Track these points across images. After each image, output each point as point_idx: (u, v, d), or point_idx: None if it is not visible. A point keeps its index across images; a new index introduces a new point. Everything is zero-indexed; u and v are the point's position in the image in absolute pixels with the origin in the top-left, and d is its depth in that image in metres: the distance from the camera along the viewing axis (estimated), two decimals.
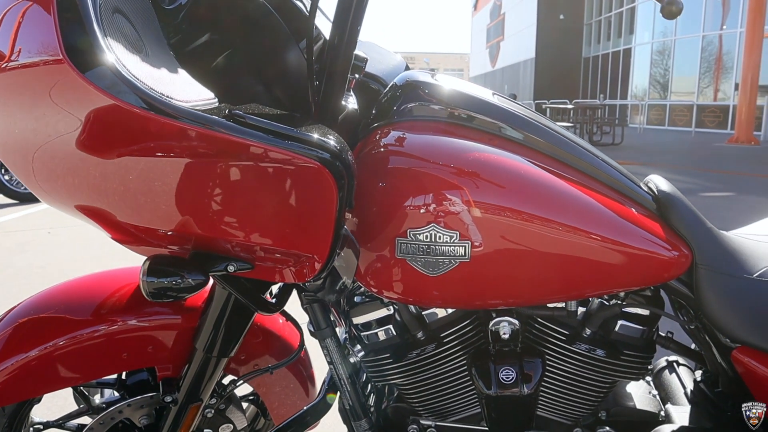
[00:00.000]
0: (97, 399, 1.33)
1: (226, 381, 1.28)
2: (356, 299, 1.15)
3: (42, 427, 1.29)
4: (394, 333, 1.12)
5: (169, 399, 1.16)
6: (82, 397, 1.28)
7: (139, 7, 0.80)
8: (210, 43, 1.03)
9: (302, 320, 1.28)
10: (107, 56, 0.71)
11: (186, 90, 0.78)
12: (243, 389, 1.36)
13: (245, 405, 1.43)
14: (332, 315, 1.19)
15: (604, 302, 1.08)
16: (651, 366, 1.29)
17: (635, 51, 23.67)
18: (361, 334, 1.14)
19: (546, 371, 1.09)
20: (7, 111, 0.80)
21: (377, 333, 1.13)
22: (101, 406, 1.28)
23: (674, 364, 1.30)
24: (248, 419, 1.40)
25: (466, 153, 0.94)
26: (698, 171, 9.18)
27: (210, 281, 0.95)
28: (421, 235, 0.92)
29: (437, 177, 0.92)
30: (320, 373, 1.44)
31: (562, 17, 29.61)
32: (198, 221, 0.83)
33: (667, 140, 15.84)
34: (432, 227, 0.92)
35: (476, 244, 0.92)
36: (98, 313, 1.14)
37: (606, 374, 1.08)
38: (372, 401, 1.24)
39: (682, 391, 1.22)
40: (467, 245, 0.92)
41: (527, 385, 1.05)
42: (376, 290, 0.99)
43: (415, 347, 1.10)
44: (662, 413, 1.18)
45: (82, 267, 4.10)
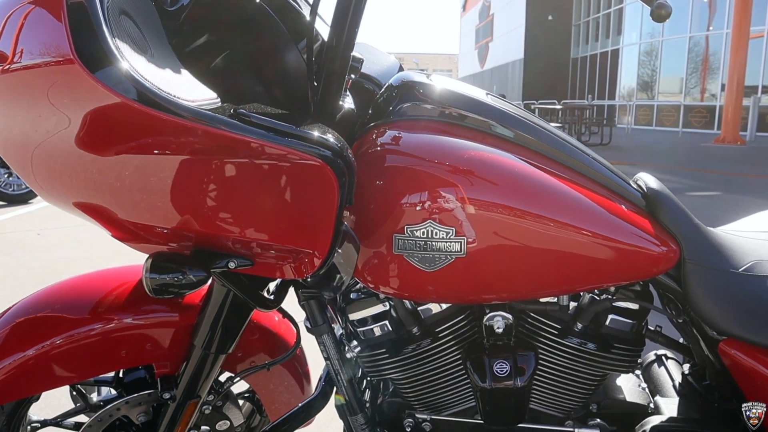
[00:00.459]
0: (94, 398, 1.34)
1: (223, 378, 1.29)
2: (352, 296, 1.17)
3: (39, 425, 1.30)
4: (390, 328, 1.14)
5: (167, 396, 1.17)
6: (80, 395, 1.29)
7: (143, 9, 0.82)
8: (208, 44, 1.05)
9: (298, 318, 1.30)
10: (116, 57, 0.73)
11: (190, 90, 0.79)
12: (239, 386, 1.37)
13: (241, 402, 1.45)
14: (328, 312, 1.20)
15: (595, 297, 1.11)
16: (640, 360, 1.32)
17: (623, 52, 23.84)
18: (358, 330, 1.16)
19: (539, 364, 1.11)
20: (14, 110, 0.81)
21: (373, 329, 1.15)
22: (98, 404, 1.29)
23: (663, 358, 1.33)
24: (244, 416, 1.42)
25: (461, 151, 0.96)
26: (685, 171, 9.27)
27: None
28: (418, 232, 0.94)
29: (433, 175, 0.94)
30: (315, 371, 1.46)
31: (551, 18, 29.76)
32: (202, 218, 0.85)
33: (655, 140, 15.96)
34: (429, 224, 0.94)
35: (471, 240, 0.95)
36: (96, 312, 1.15)
37: (597, 367, 1.10)
38: (368, 396, 1.25)
39: (671, 384, 1.25)
40: (463, 241, 0.94)
41: (521, 378, 1.07)
42: (373, 286, 1.01)
43: (411, 342, 1.12)
44: (651, 405, 1.20)
45: (73, 268, 4.10)
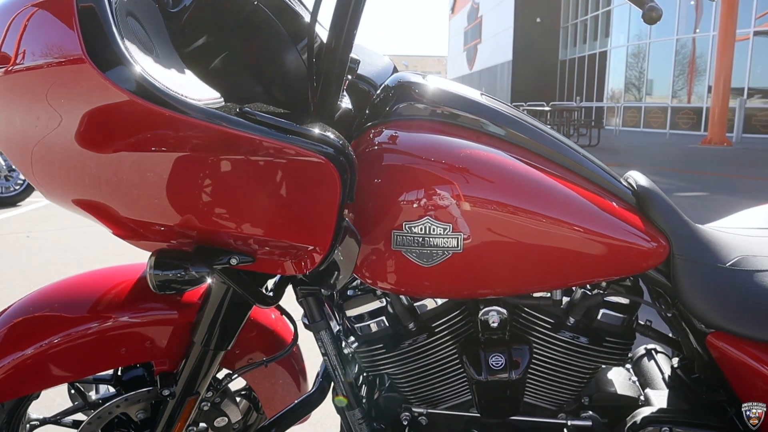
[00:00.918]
0: (93, 396, 1.35)
1: (221, 375, 1.31)
2: (349, 292, 1.19)
3: (39, 424, 1.31)
4: (387, 324, 1.16)
5: (167, 392, 1.18)
6: (79, 394, 1.30)
7: (147, 11, 0.84)
8: (208, 45, 1.07)
9: (295, 316, 1.32)
10: (126, 57, 0.75)
11: (194, 89, 0.81)
12: (236, 384, 1.39)
13: (238, 399, 1.46)
14: (326, 308, 1.22)
15: (587, 292, 1.13)
16: (630, 354, 1.35)
17: (611, 54, 23.99)
18: (355, 326, 1.18)
19: (532, 358, 1.14)
20: (21, 109, 0.83)
21: (370, 325, 1.17)
22: (97, 402, 1.31)
23: (652, 352, 1.36)
24: (241, 412, 1.43)
25: (457, 150, 0.99)
26: (673, 171, 9.35)
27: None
28: (416, 228, 0.96)
29: (430, 173, 0.97)
30: (311, 368, 1.48)
31: (539, 20, 29.89)
32: (206, 215, 0.86)
33: (643, 142, 16.07)
34: (427, 220, 0.96)
35: (467, 236, 0.97)
36: (95, 310, 1.16)
37: (589, 360, 1.13)
38: (364, 392, 1.28)
39: (660, 377, 1.28)
40: (460, 237, 0.97)
41: (515, 371, 1.10)
42: (371, 281, 1.03)
43: (407, 337, 1.14)
44: (641, 398, 1.23)
45: (63, 270, 4.08)
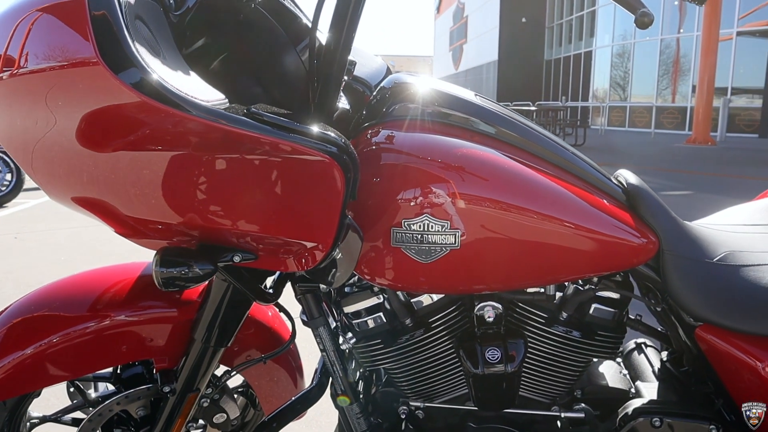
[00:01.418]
0: (92, 394, 1.36)
1: (220, 372, 1.33)
2: (346, 289, 1.21)
3: (38, 422, 1.33)
4: (384, 320, 1.18)
5: (167, 389, 1.20)
6: (79, 392, 1.31)
7: (153, 14, 0.86)
8: (206, 47, 1.08)
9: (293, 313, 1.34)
10: (138, 59, 0.77)
11: (200, 90, 0.83)
12: (233, 381, 1.41)
13: (235, 396, 1.48)
14: (323, 305, 1.24)
15: (579, 287, 1.16)
16: (621, 348, 1.38)
17: (596, 54, 24.17)
18: (353, 323, 1.20)
19: (527, 351, 1.17)
20: (31, 111, 0.84)
21: (367, 321, 1.19)
22: (97, 400, 1.32)
23: (642, 346, 1.40)
24: (239, 409, 1.45)
25: (453, 149, 1.01)
26: (658, 170, 9.45)
27: None
28: (415, 225, 0.99)
29: (427, 171, 0.99)
30: (307, 365, 1.50)
31: (524, 20, 30.04)
32: (212, 214, 0.88)
33: (628, 141, 16.21)
34: (425, 217, 0.99)
35: (465, 233, 1.00)
36: (97, 308, 1.18)
37: (582, 353, 1.16)
38: (362, 387, 1.30)
39: (650, 370, 1.31)
40: (457, 233, 0.99)
41: (511, 364, 1.13)
42: (370, 277, 1.05)
43: (405, 333, 1.17)
44: (632, 390, 1.26)
45: (52, 271, 4.07)
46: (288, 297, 1.21)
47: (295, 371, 1.46)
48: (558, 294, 1.18)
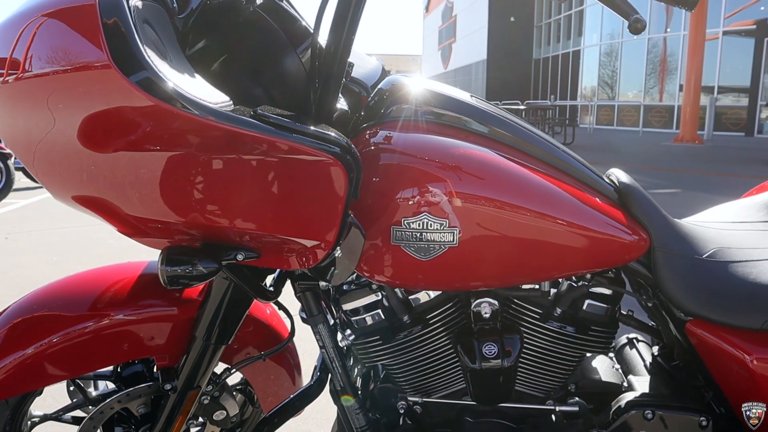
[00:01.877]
0: (92, 392, 1.38)
1: (219, 370, 1.34)
2: (344, 287, 1.23)
3: (39, 420, 1.34)
4: (382, 317, 1.20)
5: (169, 387, 1.22)
6: (80, 390, 1.33)
7: (158, 17, 0.87)
8: (205, 49, 1.10)
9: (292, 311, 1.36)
10: (148, 62, 0.79)
11: (206, 92, 0.85)
12: (232, 379, 1.42)
13: (234, 393, 1.49)
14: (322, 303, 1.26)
15: (573, 284, 1.19)
16: (614, 343, 1.42)
17: (584, 53, 24.25)
18: (351, 320, 1.22)
19: (523, 347, 1.19)
20: (43, 114, 0.86)
21: (366, 318, 1.21)
22: (98, 398, 1.33)
23: (634, 341, 1.43)
24: (238, 406, 1.47)
25: (450, 149, 1.04)
26: (647, 169, 9.52)
27: None
28: (415, 223, 1.01)
29: (425, 171, 1.02)
30: (305, 363, 1.52)
31: (513, 19, 30.09)
32: (217, 214, 0.90)
33: (616, 140, 16.30)
34: (424, 216, 1.01)
35: (463, 231, 1.02)
36: (98, 307, 1.19)
37: (575, 348, 1.19)
38: (360, 383, 1.32)
39: (642, 364, 1.34)
40: (455, 231, 1.02)
41: (507, 359, 1.15)
42: (369, 275, 1.07)
43: (403, 329, 1.19)
44: (625, 384, 1.30)
45: (44, 272, 4.06)
46: (286, 295, 1.23)
47: (293, 368, 1.47)
48: (552, 290, 1.21)
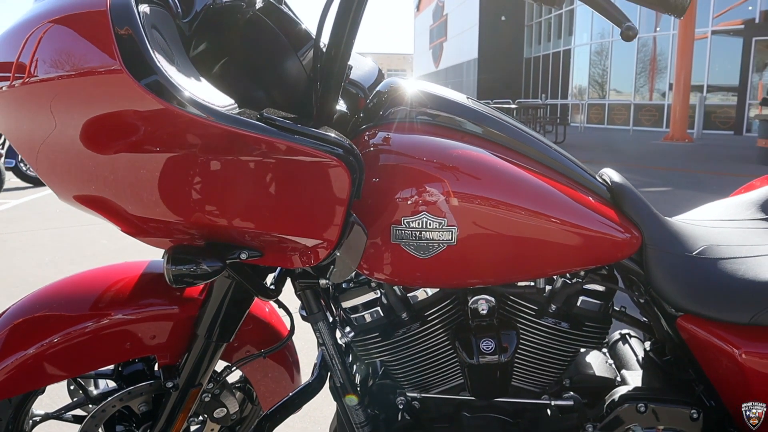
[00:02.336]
0: (93, 391, 1.39)
1: (219, 368, 1.36)
2: (344, 285, 1.26)
3: (40, 419, 1.35)
4: (381, 314, 1.22)
5: (170, 384, 1.23)
6: (80, 388, 1.34)
7: (164, 22, 0.89)
8: (208, 51, 1.12)
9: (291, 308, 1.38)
10: (158, 67, 0.81)
11: (212, 96, 0.87)
12: (232, 377, 1.44)
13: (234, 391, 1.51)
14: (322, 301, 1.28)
15: (567, 281, 1.22)
16: (607, 338, 1.45)
17: (575, 52, 24.32)
18: (351, 317, 1.24)
19: (519, 342, 1.22)
20: (55, 117, 0.88)
21: (365, 315, 1.23)
22: (99, 397, 1.35)
23: (626, 336, 1.46)
24: (238, 403, 1.49)
25: (447, 150, 1.06)
26: (637, 167, 9.59)
27: None
28: (414, 223, 1.04)
29: (424, 171, 1.04)
30: (303, 361, 1.54)
31: (504, 18, 30.14)
32: (222, 214, 0.92)
33: (607, 138, 16.38)
34: (423, 215, 1.03)
35: (461, 229, 1.05)
36: (99, 307, 1.20)
37: (570, 344, 1.22)
38: (359, 380, 1.34)
39: (635, 359, 1.37)
40: (454, 230, 1.04)
41: (504, 354, 1.18)
42: (369, 273, 1.09)
43: (401, 326, 1.21)
44: (618, 379, 1.33)
45: (37, 272, 4.06)
46: (285, 294, 1.25)
47: (293, 366, 1.49)
48: (547, 287, 1.24)
